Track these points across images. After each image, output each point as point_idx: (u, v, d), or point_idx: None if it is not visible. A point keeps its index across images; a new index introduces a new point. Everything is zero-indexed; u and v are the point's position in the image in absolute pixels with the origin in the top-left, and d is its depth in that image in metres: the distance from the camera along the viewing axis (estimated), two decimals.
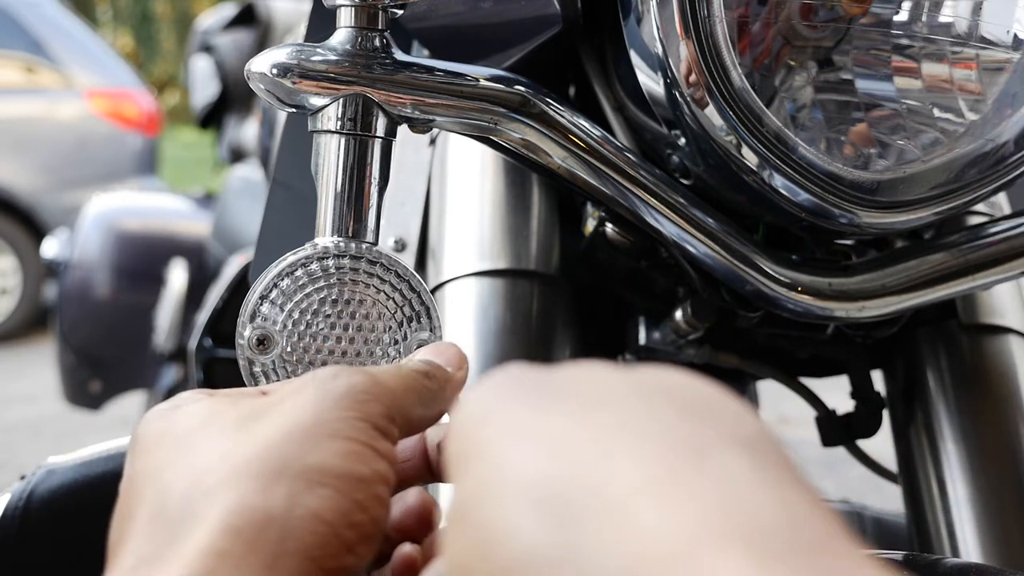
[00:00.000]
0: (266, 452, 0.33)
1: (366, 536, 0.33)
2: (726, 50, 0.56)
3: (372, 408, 0.36)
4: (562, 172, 0.60)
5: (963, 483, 0.69)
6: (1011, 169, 0.59)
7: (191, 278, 2.27)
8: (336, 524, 0.32)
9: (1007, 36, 0.57)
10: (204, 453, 0.34)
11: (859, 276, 0.64)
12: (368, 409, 0.36)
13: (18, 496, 0.74)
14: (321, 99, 0.53)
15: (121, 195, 3.08)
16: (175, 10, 16.60)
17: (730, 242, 0.62)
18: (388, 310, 0.52)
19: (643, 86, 0.62)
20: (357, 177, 0.54)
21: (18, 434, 3.64)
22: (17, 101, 5.37)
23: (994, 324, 0.74)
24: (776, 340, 0.75)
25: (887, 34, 0.57)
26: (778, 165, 0.57)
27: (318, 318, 0.51)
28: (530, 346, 0.69)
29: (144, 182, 5.27)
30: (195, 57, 2.67)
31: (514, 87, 0.57)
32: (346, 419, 0.35)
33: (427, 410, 0.40)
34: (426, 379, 0.40)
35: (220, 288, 1.64)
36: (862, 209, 0.58)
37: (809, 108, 0.58)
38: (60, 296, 2.59)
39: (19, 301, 5.07)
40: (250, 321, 0.51)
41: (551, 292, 0.72)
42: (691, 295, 0.68)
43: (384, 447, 0.35)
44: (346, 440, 0.34)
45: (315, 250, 0.52)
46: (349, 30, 0.54)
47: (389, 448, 0.36)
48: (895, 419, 0.77)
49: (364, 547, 0.33)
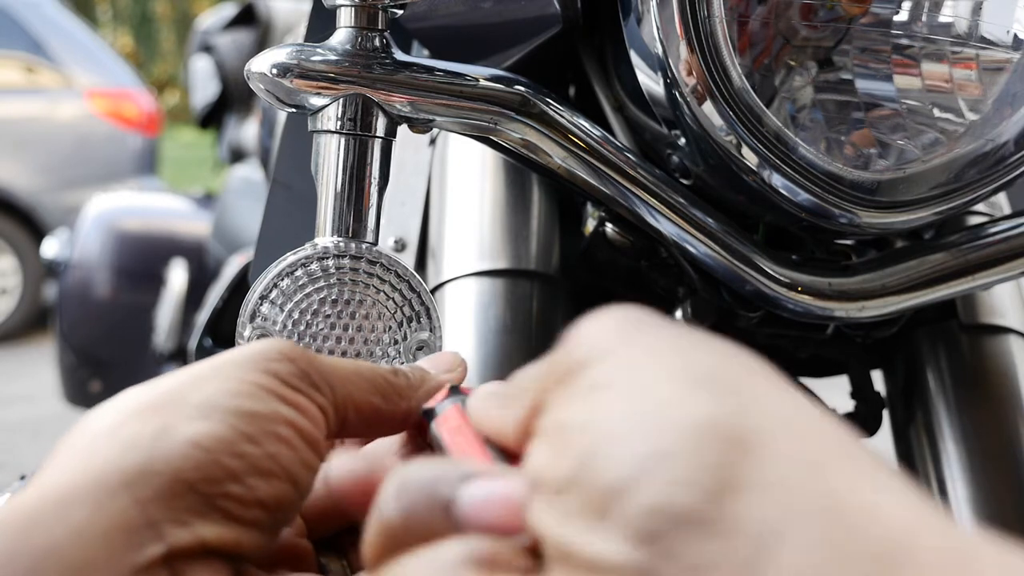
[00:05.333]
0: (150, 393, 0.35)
1: (259, 469, 0.33)
2: (726, 50, 0.56)
3: (281, 366, 0.36)
4: (562, 172, 0.60)
5: (963, 483, 0.69)
6: (1011, 169, 0.59)
7: (191, 278, 2.27)
8: (215, 451, 0.33)
9: (1007, 36, 0.57)
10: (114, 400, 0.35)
11: (859, 276, 0.64)
12: (275, 366, 0.36)
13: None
14: (321, 99, 0.53)
15: (121, 195, 3.08)
16: (175, 10, 16.60)
17: (730, 242, 0.62)
18: (388, 310, 0.52)
19: (643, 86, 0.62)
20: (357, 177, 0.54)
21: (18, 434, 3.64)
22: (17, 101, 5.37)
23: (994, 324, 0.74)
24: (776, 340, 0.75)
25: (887, 34, 0.57)
26: (778, 165, 0.57)
27: (318, 318, 0.51)
28: (530, 346, 0.69)
29: (144, 182, 5.27)
30: (195, 57, 2.67)
31: (514, 87, 0.57)
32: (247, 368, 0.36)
33: (386, 404, 0.40)
34: (391, 374, 0.40)
35: (220, 288, 1.64)
36: (862, 209, 0.58)
37: (809, 108, 0.58)
38: (60, 296, 2.59)
39: (19, 301, 5.07)
40: (250, 321, 0.51)
41: (551, 292, 0.72)
42: (691, 295, 0.68)
43: (290, 395, 0.36)
44: (239, 382, 0.35)
45: (315, 250, 0.52)
46: (349, 30, 0.54)
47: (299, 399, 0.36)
48: (895, 419, 0.77)
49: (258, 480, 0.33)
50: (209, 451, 0.33)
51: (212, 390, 0.34)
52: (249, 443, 0.33)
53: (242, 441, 0.33)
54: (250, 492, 0.33)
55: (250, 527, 0.33)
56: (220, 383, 0.35)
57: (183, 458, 0.32)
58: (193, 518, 0.32)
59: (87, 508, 0.30)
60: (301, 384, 0.36)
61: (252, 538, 0.33)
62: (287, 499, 0.34)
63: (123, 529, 0.30)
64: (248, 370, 0.35)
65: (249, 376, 0.35)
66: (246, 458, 0.33)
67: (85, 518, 0.30)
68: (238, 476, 0.33)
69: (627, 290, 0.74)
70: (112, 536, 0.30)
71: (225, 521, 0.33)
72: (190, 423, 0.33)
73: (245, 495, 0.33)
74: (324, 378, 0.37)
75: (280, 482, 0.34)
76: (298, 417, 0.35)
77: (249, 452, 0.33)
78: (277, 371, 0.36)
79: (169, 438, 0.32)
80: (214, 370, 0.36)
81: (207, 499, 0.32)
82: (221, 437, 0.33)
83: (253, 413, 0.34)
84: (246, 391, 0.35)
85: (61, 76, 5.39)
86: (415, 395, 0.41)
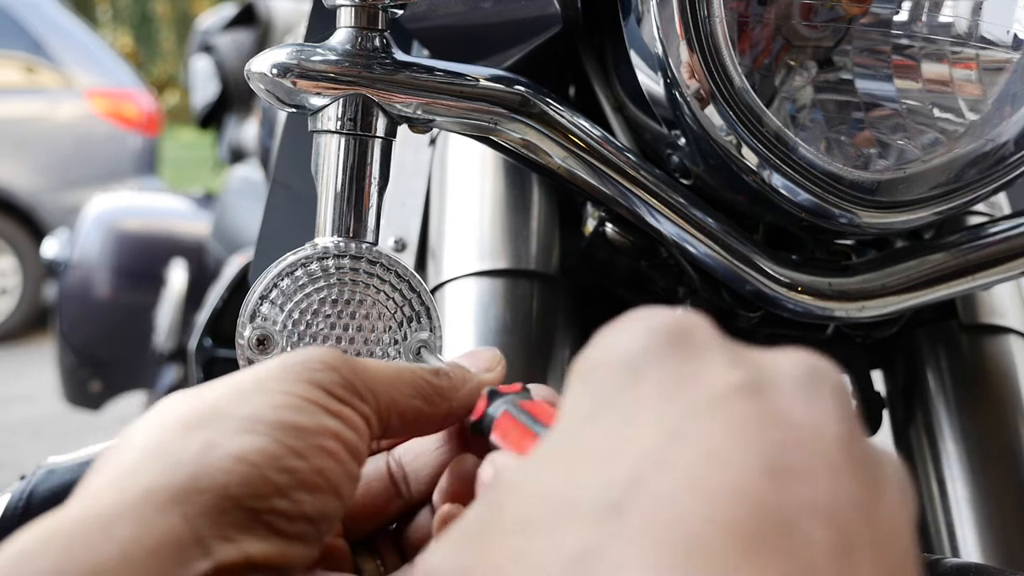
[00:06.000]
0: (194, 406, 0.34)
1: (306, 484, 0.33)
2: (726, 50, 0.56)
3: (325, 376, 0.36)
4: (562, 172, 0.60)
5: (963, 483, 0.69)
6: (1011, 169, 0.59)
7: (191, 278, 2.27)
8: (262, 465, 0.32)
9: (1007, 36, 0.57)
10: (155, 412, 0.35)
11: (859, 276, 0.63)
12: (319, 376, 0.36)
13: (18, 496, 0.73)
14: (321, 99, 0.53)
15: (121, 195, 3.08)
16: (175, 10, 16.60)
17: (730, 242, 0.62)
18: (388, 310, 0.52)
19: (643, 86, 0.62)
20: (357, 177, 0.54)
21: (18, 434, 3.64)
22: (17, 101, 5.37)
23: (994, 324, 0.74)
24: (776, 340, 0.75)
25: (887, 34, 0.57)
26: (778, 165, 0.57)
27: (318, 318, 0.51)
28: (530, 346, 0.69)
29: (144, 182, 5.27)
30: (195, 57, 2.67)
31: (514, 87, 0.57)
32: (290, 380, 0.35)
33: (429, 406, 0.39)
34: (432, 375, 0.40)
35: (220, 288, 1.64)
36: (862, 209, 0.58)
37: (809, 108, 0.58)
38: (60, 296, 2.59)
39: (19, 301, 5.07)
40: (250, 321, 0.51)
41: (551, 292, 0.72)
42: (691, 295, 0.68)
43: (335, 407, 0.35)
44: (284, 395, 0.35)
45: (315, 250, 0.52)
46: (349, 30, 0.54)
47: (344, 410, 0.36)
48: (895, 419, 0.77)
49: (305, 495, 0.33)
50: (256, 466, 0.32)
51: (257, 403, 0.34)
52: (296, 457, 0.33)
53: (289, 456, 0.33)
54: (296, 507, 0.33)
55: (295, 541, 0.33)
56: (264, 396, 0.34)
57: (229, 473, 0.32)
58: (240, 534, 0.32)
59: (134, 525, 0.30)
60: (345, 394, 0.36)
61: (297, 551, 0.33)
62: (332, 511, 0.34)
63: (171, 546, 0.30)
64: (291, 382, 0.35)
65: (293, 388, 0.35)
66: (293, 473, 0.33)
67: (132, 535, 0.30)
68: (284, 491, 0.33)
69: (627, 290, 0.74)
70: (160, 553, 0.30)
71: (271, 536, 0.32)
72: (236, 438, 0.33)
73: (291, 510, 0.33)
74: (367, 385, 0.37)
75: (326, 495, 0.34)
76: (343, 429, 0.35)
77: (296, 466, 0.33)
78: (321, 381, 0.36)
79: (215, 454, 0.32)
80: (257, 382, 0.35)
81: (254, 514, 0.32)
82: (268, 452, 0.33)
83: (299, 427, 0.34)
84: (291, 404, 0.34)
85: (61, 76, 5.39)
86: (457, 396, 0.41)
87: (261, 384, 0.35)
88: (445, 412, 0.40)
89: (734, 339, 0.30)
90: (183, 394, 0.36)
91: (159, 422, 0.34)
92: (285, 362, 0.36)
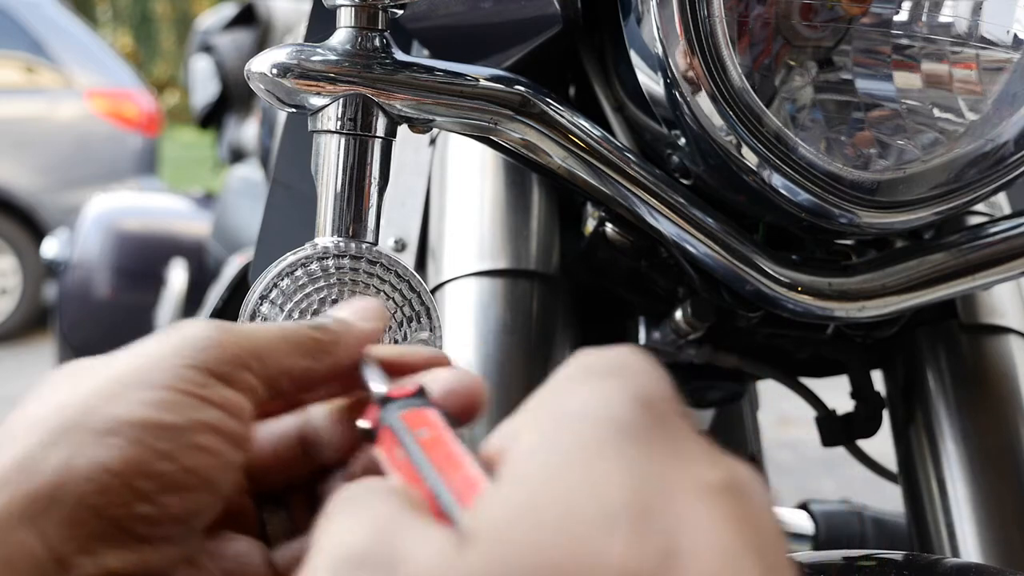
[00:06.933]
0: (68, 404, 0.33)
1: (174, 486, 0.32)
2: (726, 50, 0.56)
3: (209, 355, 0.34)
4: (562, 172, 0.60)
5: (963, 483, 0.69)
6: (1011, 169, 0.59)
7: (191, 278, 2.27)
8: (125, 474, 0.31)
9: (1007, 36, 0.57)
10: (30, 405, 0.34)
11: (859, 276, 0.63)
12: (202, 357, 0.34)
13: None
14: (321, 99, 0.53)
15: (121, 195, 3.08)
16: (175, 10, 16.60)
17: (730, 242, 0.62)
18: (388, 310, 0.52)
19: (643, 86, 0.62)
20: (357, 177, 0.54)
21: None
22: (17, 101, 5.37)
23: (994, 324, 0.74)
24: (776, 340, 0.75)
25: (887, 34, 0.57)
26: (778, 165, 0.57)
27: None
28: (530, 346, 0.69)
29: (144, 182, 5.27)
30: (195, 57, 2.67)
31: (514, 87, 0.57)
32: (167, 368, 0.34)
33: (316, 362, 0.38)
34: (313, 331, 0.39)
35: (220, 288, 1.64)
36: (862, 209, 0.58)
37: (809, 108, 0.58)
38: (60, 296, 2.58)
39: (19, 301, 5.07)
40: (250, 321, 0.51)
41: (551, 292, 0.72)
42: (691, 295, 0.68)
43: (218, 395, 0.34)
44: (158, 390, 0.33)
45: (315, 250, 0.52)
46: (349, 30, 0.54)
47: (226, 392, 0.34)
48: (895, 419, 0.77)
49: (172, 497, 0.32)
50: (118, 475, 0.31)
51: (130, 400, 0.33)
52: (163, 460, 0.32)
53: (155, 459, 0.32)
54: (163, 510, 0.32)
55: (163, 544, 0.32)
56: (138, 392, 0.33)
57: (90, 483, 0.31)
58: (101, 546, 0.31)
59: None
60: (230, 369, 0.35)
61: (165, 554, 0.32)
62: (204, 507, 0.33)
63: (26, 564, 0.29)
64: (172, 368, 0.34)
65: (169, 379, 0.34)
66: (159, 477, 0.32)
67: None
68: (149, 496, 0.32)
69: (627, 290, 0.74)
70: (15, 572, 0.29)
71: (135, 544, 0.32)
72: (100, 445, 0.32)
73: (157, 514, 0.32)
74: (254, 353, 0.36)
75: (197, 493, 0.33)
76: (222, 418, 0.34)
77: (163, 470, 0.32)
78: (206, 361, 0.34)
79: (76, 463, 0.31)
80: (136, 372, 0.34)
81: (116, 524, 0.31)
82: (132, 459, 0.32)
83: (169, 427, 0.33)
84: (164, 400, 0.33)
85: (61, 76, 5.39)
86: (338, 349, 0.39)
87: (139, 375, 0.34)
88: (331, 366, 0.39)
89: (734, 339, 0.29)
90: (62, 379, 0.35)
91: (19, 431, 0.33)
92: (171, 343, 0.35)
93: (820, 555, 0.59)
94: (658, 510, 0.24)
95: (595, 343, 0.86)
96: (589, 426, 0.26)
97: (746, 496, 0.26)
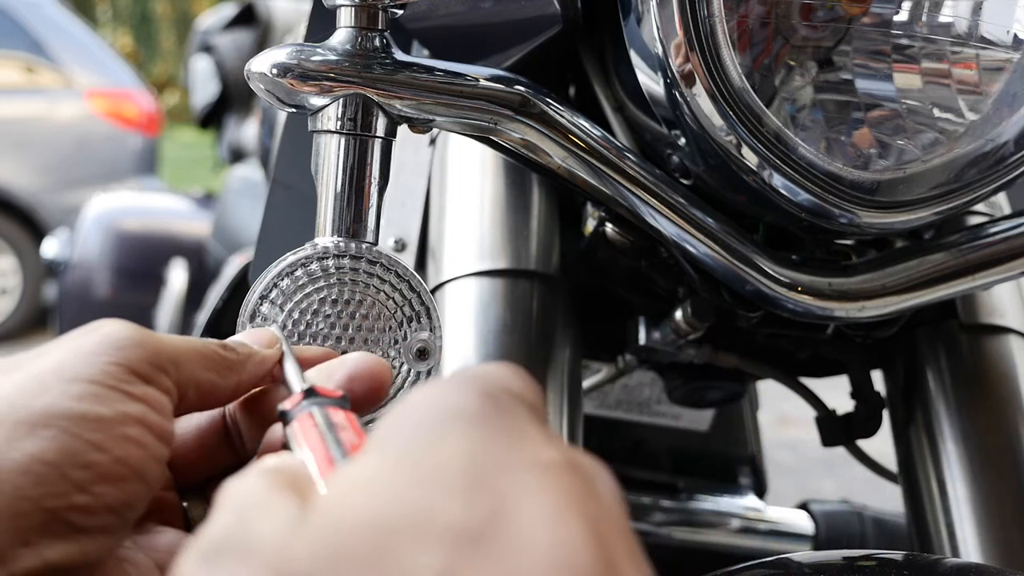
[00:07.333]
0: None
1: (108, 476, 0.33)
2: (726, 50, 0.56)
3: (130, 354, 0.35)
4: (562, 172, 0.60)
5: (963, 483, 0.69)
6: (1011, 169, 0.59)
7: (191, 278, 2.27)
8: (60, 464, 0.32)
9: (1007, 36, 0.57)
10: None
11: (859, 276, 0.63)
12: (124, 355, 0.35)
13: None
14: (321, 99, 0.53)
15: (121, 195, 3.08)
16: (175, 10, 16.60)
17: (730, 242, 0.62)
18: (388, 310, 0.52)
19: (643, 86, 0.62)
20: (357, 177, 0.54)
21: None
22: (17, 101, 5.37)
23: (994, 324, 0.74)
24: (776, 340, 0.75)
25: (887, 34, 0.57)
26: (778, 165, 0.57)
27: (318, 318, 0.51)
28: (530, 346, 0.69)
29: (144, 182, 5.27)
30: (195, 57, 2.67)
31: (514, 87, 0.57)
32: (92, 363, 0.34)
33: (221, 378, 0.40)
34: (221, 348, 0.40)
35: (220, 288, 1.64)
36: (862, 209, 0.58)
37: (809, 108, 0.58)
38: (60, 296, 2.59)
39: (19, 301, 5.07)
40: (250, 321, 0.51)
41: (551, 292, 0.72)
42: (691, 295, 0.68)
43: (140, 391, 0.35)
44: (85, 383, 0.34)
45: (315, 250, 0.52)
46: (349, 30, 0.54)
47: (148, 390, 0.35)
48: (895, 419, 0.77)
49: (106, 487, 0.33)
50: (53, 465, 0.32)
51: (57, 393, 0.33)
52: (96, 451, 0.33)
53: (88, 450, 0.32)
54: (98, 500, 0.32)
55: (98, 533, 0.33)
56: (65, 385, 0.33)
57: (26, 475, 0.31)
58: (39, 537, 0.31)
59: None
60: (150, 370, 0.36)
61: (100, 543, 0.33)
62: (137, 497, 0.34)
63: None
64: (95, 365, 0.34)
65: (95, 373, 0.34)
66: (93, 467, 0.32)
67: None
68: (84, 486, 0.32)
69: (627, 290, 0.74)
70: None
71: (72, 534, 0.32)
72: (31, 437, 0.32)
73: (92, 504, 0.32)
74: (171, 359, 0.37)
75: (129, 483, 0.33)
76: (147, 412, 0.35)
77: (96, 460, 0.32)
78: (128, 359, 0.35)
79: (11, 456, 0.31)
80: (59, 367, 0.34)
81: (53, 514, 0.31)
82: (65, 449, 0.32)
83: (99, 418, 0.33)
84: (92, 393, 0.33)
85: (61, 76, 5.39)
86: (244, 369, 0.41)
87: (64, 370, 0.34)
88: (234, 385, 0.40)
89: (734, 339, 0.30)
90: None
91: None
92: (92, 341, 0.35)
93: (820, 555, 0.58)
94: (493, 479, 0.26)
95: (595, 343, 0.86)
96: (435, 412, 0.28)
97: (584, 476, 0.27)
